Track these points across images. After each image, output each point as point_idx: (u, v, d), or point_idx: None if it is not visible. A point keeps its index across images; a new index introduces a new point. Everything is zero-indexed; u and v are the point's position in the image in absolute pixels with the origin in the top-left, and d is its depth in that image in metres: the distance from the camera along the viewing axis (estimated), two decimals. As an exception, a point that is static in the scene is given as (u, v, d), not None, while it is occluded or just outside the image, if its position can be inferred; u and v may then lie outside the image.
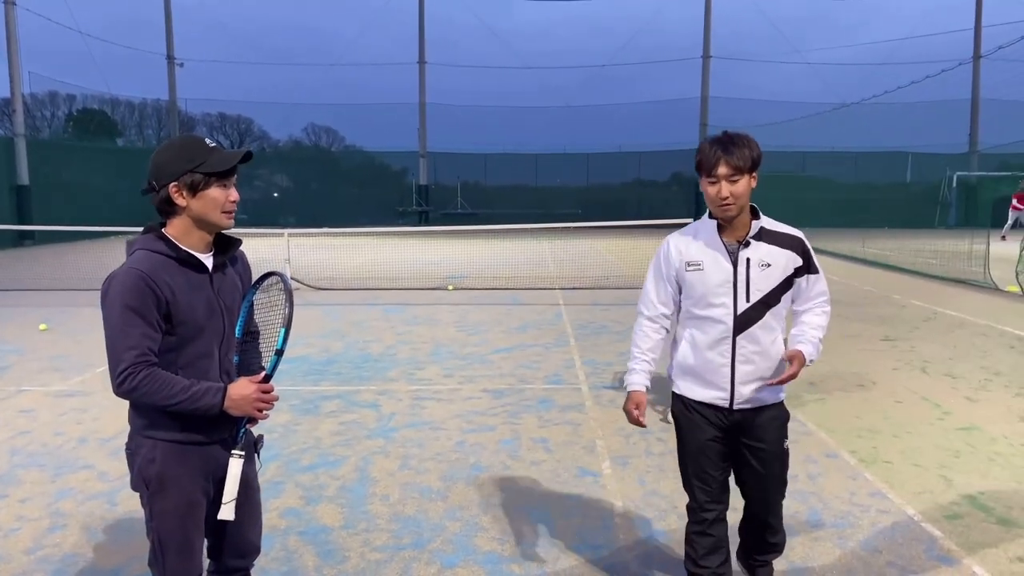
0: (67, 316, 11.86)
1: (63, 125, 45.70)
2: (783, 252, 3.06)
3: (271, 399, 2.52)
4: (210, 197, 2.44)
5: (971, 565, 3.87)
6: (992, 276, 14.76)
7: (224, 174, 2.45)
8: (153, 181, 2.44)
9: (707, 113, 42.12)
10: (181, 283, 2.43)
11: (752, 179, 2.98)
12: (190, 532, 2.54)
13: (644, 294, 3.31)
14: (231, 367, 2.66)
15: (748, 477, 3.27)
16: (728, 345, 3.07)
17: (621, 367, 8.21)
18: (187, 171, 2.40)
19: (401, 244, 25.37)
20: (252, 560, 2.84)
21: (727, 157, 2.92)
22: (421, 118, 42.84)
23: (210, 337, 2.52)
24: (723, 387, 3.12)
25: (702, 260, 3.08)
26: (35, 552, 4.06)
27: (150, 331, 2.35)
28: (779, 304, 3.07)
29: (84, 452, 5.60)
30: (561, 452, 5.58)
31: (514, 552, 4.05)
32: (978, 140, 39.80)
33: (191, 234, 2.49)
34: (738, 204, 2.98)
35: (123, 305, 2.32)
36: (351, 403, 6.91)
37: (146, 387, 2.34)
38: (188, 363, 2.47)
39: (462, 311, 12.30)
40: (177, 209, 2.45)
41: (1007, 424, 6.21)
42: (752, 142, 2.99)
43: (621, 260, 20.35)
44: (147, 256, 2.42)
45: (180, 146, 2.46)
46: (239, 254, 2.70)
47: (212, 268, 2.54)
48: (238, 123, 56.59)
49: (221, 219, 2.49)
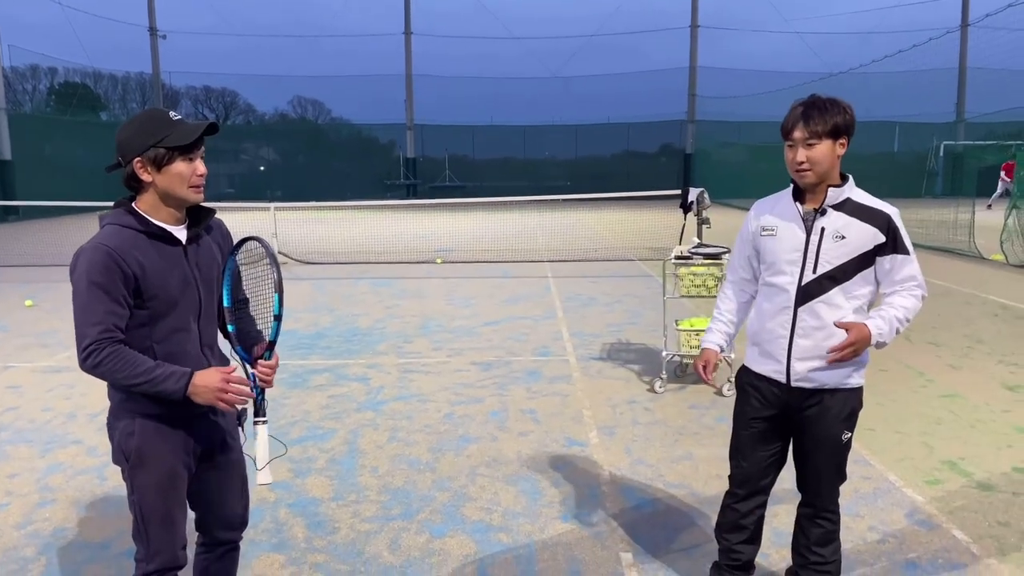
0: (52, 292, 11.80)
1: (45, 99, 45.12)
2: (864, 226, 2.82)
3: (238, 391, 2.43)
4: (175, 172, 2.39)
5: (951, 529, 3.94)
6: (977, 245, 14.86)
7: (188, 147, 2.39)
8: (119, 157, 2.41)
9: (696, 83, 41.99)
10: (152, 257, 2.40)
11: (838, 146, 2.78)
12: (171, 505, 2.53)
13: (730, 259, 3.25)
14: (213, 340, 2.64)
15: (799, 460, 3.09)
16: (789, 316, 2.91)
17: (609, 339, 8.26)
18: (150, 146, 2.36)
19: (389, 217, 25.29)
20: (240, 533, 2.85)
21: (804, 121, 2.77)
22: (408, 89, 42.52)
23: (185, 310, 2.49)
24: (780, 359, 2.95)
25: (776, 226, 2.94)
26: (25, 527, 4.07)
27: (115, 307, 2.33)
28: (850, 281, 2.84)
29: (72, 427, 5.61)
30: (549, 423, 5.62)
31: (502, 521, 4.09)
32: (965, 109, 39.87)
33: (160, 209, 2.45)
34: (816, 171, 2.79)
35: (89, 281, 2.31)
36: (340, 376, 6.93)
37: (109, 364, 2.31)
38: (163, 337, 2.45)
39: (451, 284, 12.30)
40: (144, 184, 2.42)
41: (989, 391, 6.29)
42: (839, 106, 2.78)
43: (610, 232, 20.38)
44: (116, 231, 2.39)
45: (143, 120, 2.41)
46: (215, 223, 2.65)
47: (186, 240, 2.50)
48: (223, 96, 56.06)
49: (188, 194, 2.43)
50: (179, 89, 50.33)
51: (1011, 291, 11.01)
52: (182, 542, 2.60)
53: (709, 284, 6.47)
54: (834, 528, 3.10)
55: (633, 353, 7.64)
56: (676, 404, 6.03)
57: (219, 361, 2.64)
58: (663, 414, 5.79)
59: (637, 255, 15.41)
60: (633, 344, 8.02)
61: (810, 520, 3.11)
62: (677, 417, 5.72)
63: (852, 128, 2.80)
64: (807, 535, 3.11)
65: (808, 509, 3.13)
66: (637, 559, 3.68)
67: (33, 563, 3.70)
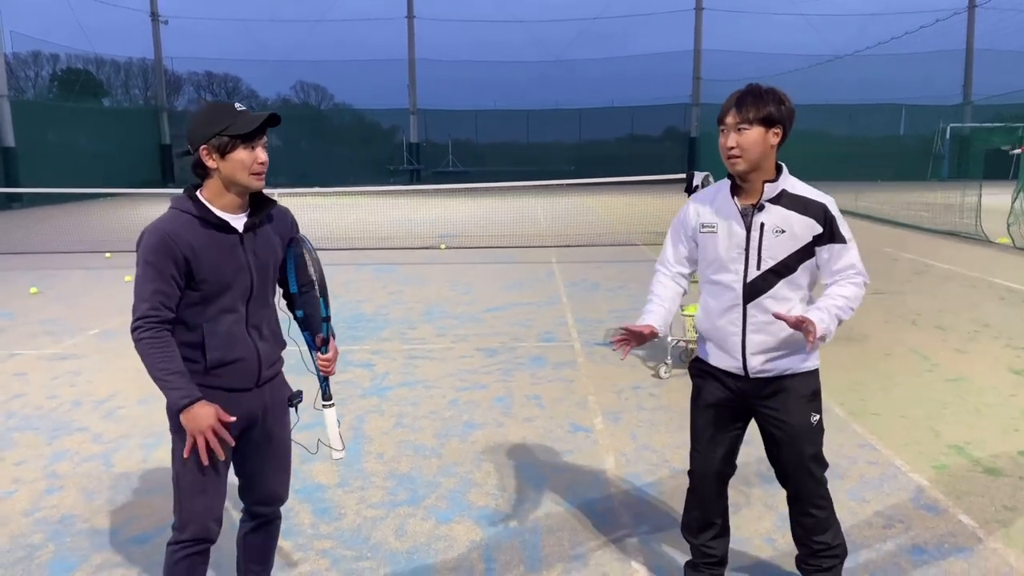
0: (58, 279, 11.81)
1: (47, 85, 45.02)
2: (801, 218, 2.81)
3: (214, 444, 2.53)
4: (237, 159, 2.53)
5: (957, 514, 3.93)
6: (983, 228, 14.79)
7: (249, 136, 2.53)
8: (188, 145, 2.57)
9: (700, 67, 41.75)
10: (205, 243, 2.54)
11: (771, 135, 2.77)
12: (207, 473, 2.62)
13: (662, 252, 3.19)
14: (260, 322, 2.72)
15: (774, 453, 3.07)
16: (738, 313, 2.91)
17: (614, 324, 8.25)
18: (215, 134, 2.51)
19: (392, 203, 25.26)
20: (276, 508, 2.97)
21: (736, 107, 2.77)
22: (411, 74, 42.37)
23: (236, 294, 2.62)
24: (735, 356, 2.95)
25: (716, 223, 2.92)
26: (32, 514, 4.09)
27: (164, 286, 2.48)
28: (795, 274, 2.85)
29: (78, 415, 5.62)
30: (554, 408, 5.62)
31: (508, 507, 4.10)
32: (972, 91, 39.59)
33: (223, 196, 2.59)
34: (746, 158, 2.78)
35: (144, 259, 2.49)
36: (345, 363, 6.93)
37: (145, 346, 2.48)
38: (213, 316, 2.59)
39: (455, 270, 12.29)
40: (209, 171, 2.57)
41: (995, 375, 6.27)
42: (775, 95, 2.79)
43: (614, 217, 20.33)
44: (175, 216, 2.56)
45: (209, 111, 2.57)
46: (277, 212, 2.78)
47: (244, 228, 2.63)
48: (225, 82, 55.84)
49: (250, 180, 2.57)
50: (181, 75, 50.17)
51: (1018, 274, 10.96)
52: (215, 515, 2.69)
53: (714, 269, 6.44)
54: (826, 515, 3.07)
55: (638, 338, 7.61)
56: (681, 389, 6.02)
57: (269, 342, 2.76)
58: (668, 399, 5.78)
59: (642, 240, 15.37)
60: (638, 329, 7.99)
61: (802, 513, 3.08)
62: (682, 402, 5.70)
63: (787, 119, 2.79)
64: (803, 526, 3.10)
65: (797, 503, 3.09)
66: (642, 545, 3.68)
67: (41, 550, 3.72)
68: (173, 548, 2.67)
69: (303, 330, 2.88)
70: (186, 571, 2.67)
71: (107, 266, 13.14)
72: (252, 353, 2.66)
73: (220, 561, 3.26)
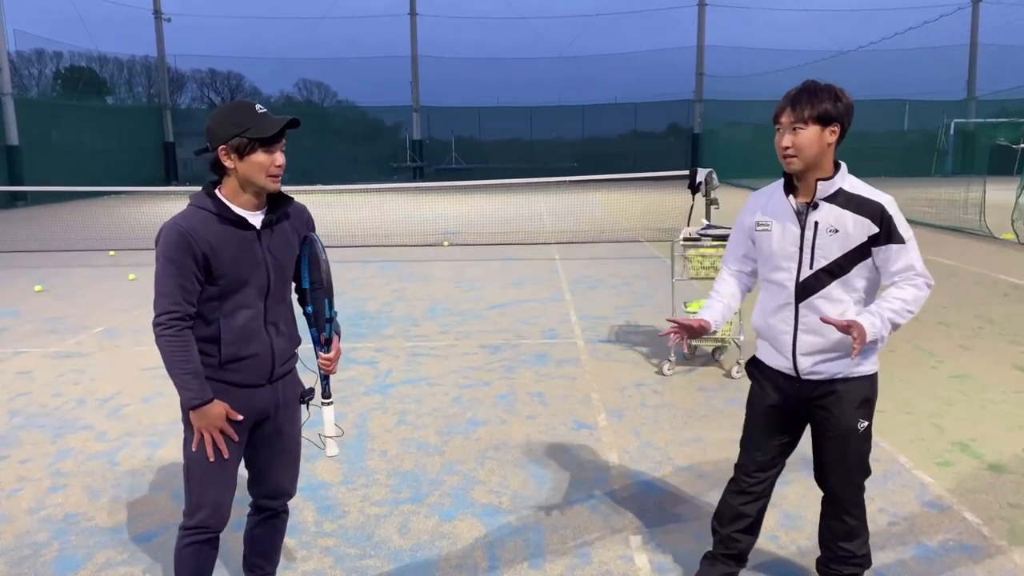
0: (62, 277, 11.83)
1: (51, 84, 45.06)
2: (857, 218, 2.73)
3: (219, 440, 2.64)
4: (255, 161, 2.56)
5: (962, 511, 3.93)
6: (987, 224, 14.75)
7: (270, 140, 2.55)
8: (208, 143, 2.60)
9: (703, 62, 41.66)
10: (223, 239, 2.58)
11: (828, 133, 2.71)
12: (216, 464, 2.67)
13: (728, 247, 3.18)
14: (278, 318, 2.77)
15: (818, 455, 3.01)
16: (791, 312, 2.86)
17: (617, 321, 8.25)
18: (234, 135, 2.53)
19: (395, 200, 25.26)
20: (283, 502, 3.00)
21: (791, 105, 2.71)
22: (414, 71, 42.35)
23: (253, 290, 2.66)
24: (787, 355, 2.91)
25: (771, 222, 2.88)
26: (37, 512, 4.10)
27: (184, 282, 2.53)
28: (848, 275, 2.78)
29: (83, 413, 5.63)
30: (557, 406, 5.62)
31: (511, 504, 4.10)
32: (976, 86, 39.45)
33: (240, 194, 2.62)
34: (802, 157, 2.72)
35: (164, 256, 2.53)
36: (348, 360, 6.94)
37: (166, 343, 2.54)
38: (231, 311, 2.63)
39: (458, 267, 12.29)
40: (227, 171, 2.60)
41: (1000, 372, 6.25)
42: (831, 92, 2.71)
43: (617, 214, 20.31)
44: (193, 212, 2.59)
45: (230, 111, 2.59)
46: (295, 210, 2.81)
47: (261, 225, 2.66)
48: (228, 79, 55.91)
49: (267, 182, 2.60)
50: (184, 72, 50.25)
51: (1022, 270, 10.93)
52: (224, 504, 2.75)
53: (718, 266, 6.41)
54: (857, 523, 3.02)
55: (641, 335, 7.62)
56: (685, 387, 6.02)
57: (285, 339, 2.80)
58: (672, 397, 5.78)
59: (645, 236, 15.36)
60: (641, 326, 8.00)
61: (835, 517, 3.03)
62: (686, 400, 5.72)
63: (845, 116, 2.72)
64: (832, 530, 3.05)
65: (831, 506, 3.05)
66: (646, 542, 3.68)
67: (45, 548, 3.73)
68: (183, 533, 2.76)
69: (310, 327, 2.91)
70: (193, 555, 2.76)
71: (111, 264, 13.16)
72: (267, 349, 2.71)
73: (227, 559, 3.26)
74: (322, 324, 2.86)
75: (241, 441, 2.73)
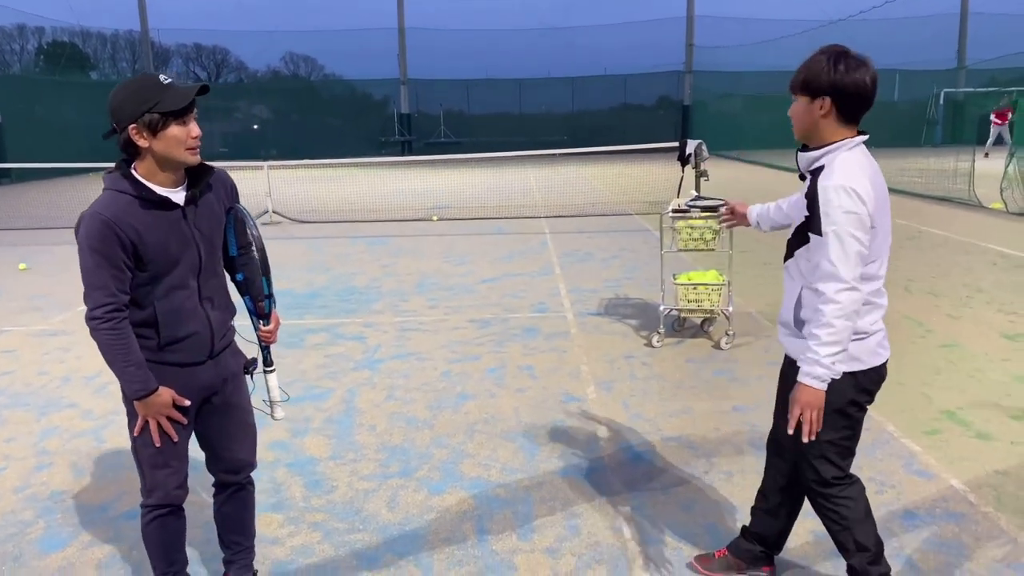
0: (46, 255, 11.72)
1: (33, 59, 44.42)
2: (801, 197, 2.63)
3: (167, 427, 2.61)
4: (170, 136, 2.42)
5: (949, 479, 3.94)
6: (976, 193, 14.75)
7: (181, 111, 2.41)
8: (114, 123, 2.45)
9: (693, 33, 41.34)
10: (149, 224, 2.46)
11: (817, 107, 2.52)
12: (164, 445, 2.64)
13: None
14: (213, 293, 2.70)
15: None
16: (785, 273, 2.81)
17: (606, 294, 8.23)
18: (143, 112, 2.39)
19: (384, 175, 25.09)
20: (245, 475, 2.97)
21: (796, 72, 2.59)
22: (400, 43, 41.88)
23: (185, 269, 2.57)
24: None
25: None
26: (23, 491, 4.07)
27: (115, 272, 2.43)
28: (796, 254, 2.65)
29: (68, 391, 5.59)
30: (546, 379, 5.61)
31: (500, 477, 4.09)
32: (966, 56, 39.33)
33: (158, 173, 2.49)
34: (796, 127, 2.61)
35: (89, 248, 2.41)
36: (336, 336, 6.91)
37: (103, 337, 2.46)
38: (164, 294, 2.55)
39: (447, 242, 12.23)
40: (140, 150, 2.45)
41: (987, 340, 6.27)
42: (830, 63, 2.48)
43: (607, 187, 20.24)
44: (113, 198, 2.45)
45: (134, 87, 2.43)
46: (216, 179, 2.69)
47: (185, 202, 2.55)
48: (214, 54, 55.23)
49: (185, 156, 2.47)
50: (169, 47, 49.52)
51: (1010, 239, 10.95)
52: (177, 481, 2.73)
53: (707, 237, 6.40)
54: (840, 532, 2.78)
55: (630, 308, 7.61)
56: (673, 359, 6.01)
57: (221, 311, 2.74)
58: (660, 368, 5.77)
59: (635, 209, 15.31)
60: (631, 299, 7.98)
61: (815, 511, 2.86)
62: (674, 371, 5.71)
63: (840, 89, 2.47)
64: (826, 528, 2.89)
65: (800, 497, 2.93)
66: (635, 513, 3.68)
67: (32, 526, 3.70)
68: (144, 511, 2.77)
69: (243, 295, 2.85)
70: (159, 530, 2.78)
71: (97, 241, 13.03)
72: (205, 326, 2.65)
73: (210, 538, 3.24)
74: (258, 290, 2.82)
75: (189, 420, 2.71)
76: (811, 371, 2.50)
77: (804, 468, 2.78)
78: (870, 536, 2.79)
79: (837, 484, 2.75)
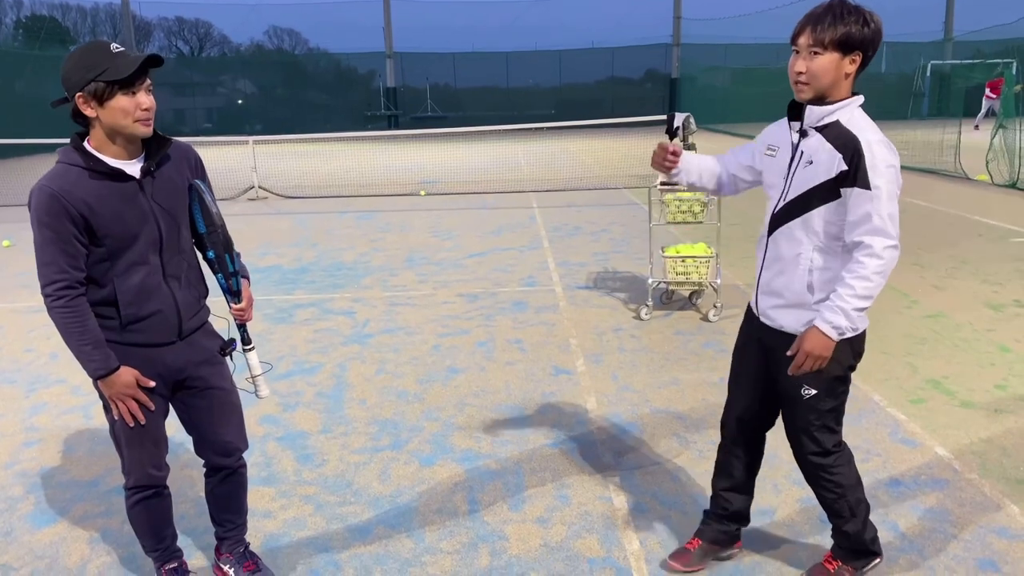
0: (31, 232, 11.55)
1: (12, 34, 43.69)
2: (830, 151, 2.47)
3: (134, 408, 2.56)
4: (117, 107, 2.33)
5: (934, 447, 3.99)
6: (962, 165, 14.81)
7: (129, 81, 2.31)
8: (65, 92, 2.37)
9: (681, 5, 41.09)
10: (101, 196, 2.38)
11: (849, 61, 2.44)
12: (138, 427, 2.61)
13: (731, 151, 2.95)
14: (179, 271, 2.61)
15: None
16: (763, 244, 2.72)
17: (595, 267, 8.24)
18: (89, 80, 2.30)
19: (371, 149, 24.91)
20: (236, 459, 2.91)
21: (812, 26, 2.42)
22: (386, 15, 41.44)
23: (144, 245, 2.48)
24: (754, 289, 2.77)
25: (778, 148, 2.68)
26: (12, 467, 4.06)
27: (66, 247, 2.37)
28: (810, 214, 2.53)
29: (56, 367, 5.56)
30: (536, 352, 5.63)
31: (490, 448, 4.11)
32: (953, 27, 39.30)
33: (109, 144, 2.41)
34: (813, 86, 2.46)
35: (38, 222, 2.35)
36: (325, 311, 6.89)
37: (59, 315, 2.41)
38: (123, 271, 2.47)
39: (435, 216, 12.18)
40: (90, 120, 2.38)
41: (972, 311, 6.33)
42: (860, 15, 2.40)
43: (595, 160, 20.19)
44: (64, 171, 2.38)
45: (82, 54, 2.34)
46: (176, 151, 2.59)
47: (141, 174, 2.46)
48: (196, 27, 54.51)
49: (135, 128, 2.37)
50: (151, 20, 48.90)
51: (996, 211, 11.02)
52: (154, 463, 2.72)
53: (695, 210, 6.41)
54: (835, 500, 2.77)
55: (619, 281, 7.62)
56: (662, 331, 6.04)
57: (190, 291, 2.66)
58: (649, 341, 5.80)
59: (623, 183, 15.28)
60: (619, 272, 8.00)
61: (811, 483, 2.84)
62: (663, 343, 5.74)
63: (872, 44, 2.44)
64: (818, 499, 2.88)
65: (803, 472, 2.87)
66: (624, 482, 3.71)
67: (22, 502, 3.70)
68: (127, 494, 2.78)
69: (215, 273, 2.76)
70: (144, 511, 2.80)
71: (81, 218, 12.89)
72: (170, 305, 2.56)
73: (201, 511, 3.25)
74: (227, 275, 2.74)
75: (161, 403, 2.65)
76: (834, 319, 2.47)
77: (805, 442, 2.74)
78: (861, 500, 2.82)
79: (835, 452, 2.75)
